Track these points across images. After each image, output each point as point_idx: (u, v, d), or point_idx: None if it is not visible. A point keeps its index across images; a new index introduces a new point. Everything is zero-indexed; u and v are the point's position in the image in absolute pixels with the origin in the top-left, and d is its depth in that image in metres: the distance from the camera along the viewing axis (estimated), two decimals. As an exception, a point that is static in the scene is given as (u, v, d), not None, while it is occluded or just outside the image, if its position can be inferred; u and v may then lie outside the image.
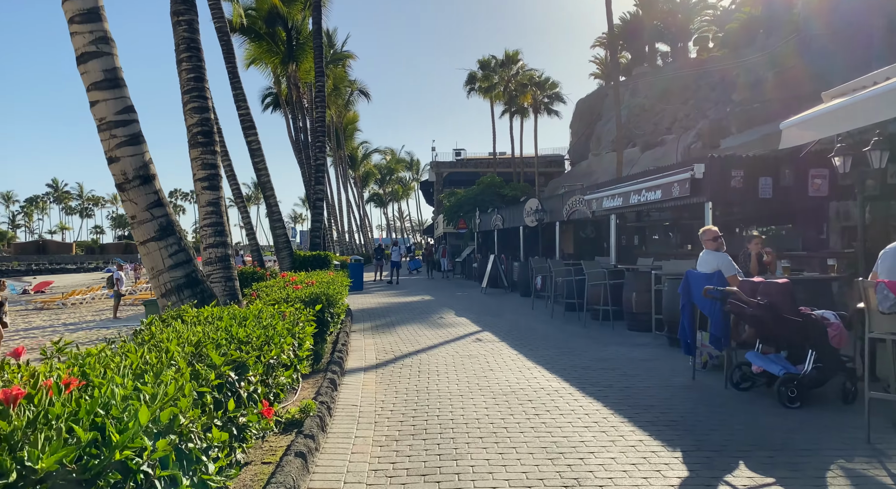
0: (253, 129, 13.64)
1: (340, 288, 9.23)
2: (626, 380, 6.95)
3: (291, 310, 5.21)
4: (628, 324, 10.76)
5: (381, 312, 14.69)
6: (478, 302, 16.87)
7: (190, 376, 2.51)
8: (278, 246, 13.91)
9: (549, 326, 11.52)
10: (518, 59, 40.90)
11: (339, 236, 49.69)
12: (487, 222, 25.59)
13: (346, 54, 38.78)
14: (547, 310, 14.05)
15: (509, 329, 11.26)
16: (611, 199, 12.66)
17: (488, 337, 10.33)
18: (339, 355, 7.93)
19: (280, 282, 9.18)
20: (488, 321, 12.47)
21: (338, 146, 51.81)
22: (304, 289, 7.75)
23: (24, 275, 75.46)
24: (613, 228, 13.26)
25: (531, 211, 18.55)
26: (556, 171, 53.43)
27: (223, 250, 6.67)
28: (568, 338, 10.07)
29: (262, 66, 28.06)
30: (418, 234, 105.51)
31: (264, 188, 13.67)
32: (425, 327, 11.81)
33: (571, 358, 8.30)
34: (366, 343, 10.03)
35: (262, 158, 13.58)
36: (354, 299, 18.07)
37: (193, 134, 6.75)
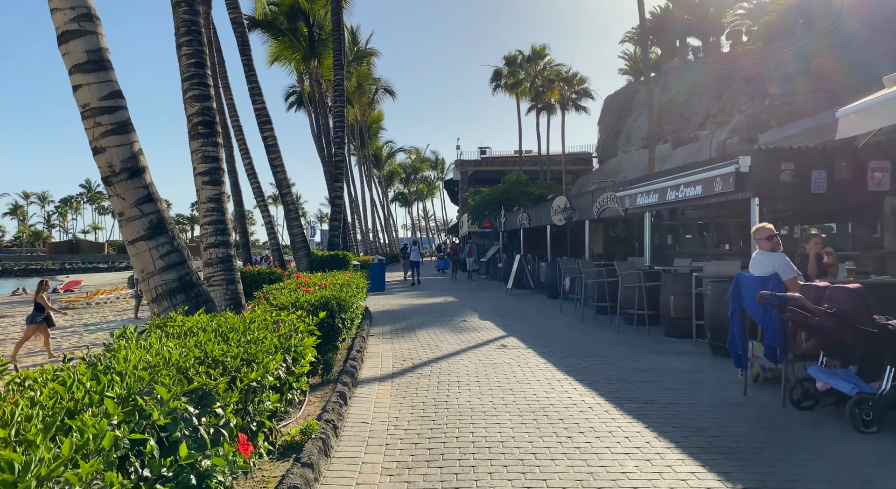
0: (269, 124, 13.16)
1: (355, 291, 8.66)
2: (669, 394, 6.24)
3: (292, 319, 4.63)
4: (665, 329, 10.00)
5: (402, 315, 14.11)
6: (503, 304, 16.20)
7: (124, 417, 1.91)
8: (295, 245, 13.41)
9: (578, 331, 10.81)
10: (545, 54, 40.03)
11: (363, 236, 49.37)
12: (513, 221, 24.88)
13: (370, 52, 38.37)
14: (576, 314, 13.31)
15: (536, 334, 10.57)
16: (645, 195, 11.89)
17: (514, 343, 9.66)
18: (353, 363, 7.35)
19: (292, 285, 8.65)
20: (514, 325, 11.80)
21: (362, 145, 51.50)
22: (315, 293, 7.19)
23: (58, 273, 76.96)
24: (648, 227, 12.48)
25: (559, 209, 17.80)
26: (583, 168, 52.36)
27: (225, 250, 6.14)
28: (600, 344, 9.35)
29: (284, 63, 27.74)
30: (443, 233, 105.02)
31: (280, 185, 13.19)
32: (447, 331, 11.19)
33: (605, 368, 7.60)
34: (383, 348, 9.44)
35: (278, 154, 13.10)
36: (376, 300, 17.54)
37: (193, 124, 6.23)
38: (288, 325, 4.10)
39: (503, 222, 26.62)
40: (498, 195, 30.85)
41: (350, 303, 7.40)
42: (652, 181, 11.89)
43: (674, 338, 9.65)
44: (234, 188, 16.87)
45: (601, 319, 12.15)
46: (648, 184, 11.92)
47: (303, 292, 7.31)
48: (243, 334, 3.55)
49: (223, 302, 5.98)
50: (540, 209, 21.04)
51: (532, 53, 40.08)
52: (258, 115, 13.18)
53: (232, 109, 17.52)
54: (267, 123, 13.21)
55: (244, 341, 3.33)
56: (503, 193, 30.82)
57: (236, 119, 17.22)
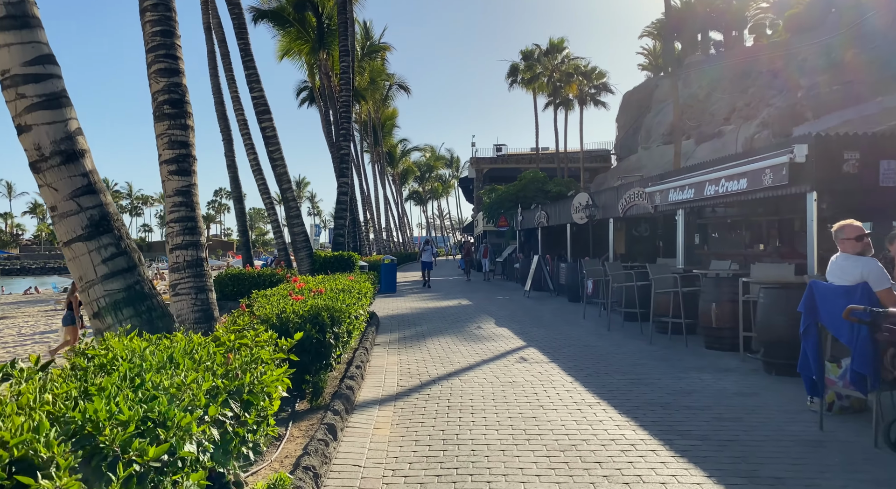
0: (267, 114, 12.21)
1: (357, 298, 7.66)
2: (725, 427, 5.16)
3: (260, 341, 3.63)
4: (705, 341, 8.89)
5: (412, 320, 13.11)
6: (521, 308, 15.14)
7: None
8: (296, 245, 12.45)
9: (606, 342, 9.73)
10: (563, 47, 38.81)
11: (377, 235, 48.50)
12: (530, 219, 23.79)
13: (383, 46, 37.42)
14: (601, 320, 12.22)
15: (559, 344, 9.51)
16: (679, 190, 10.77)
17: (535, 355, 8.61)
18: (350, 383, 6.35)
19: (283, 291, 7.67)
20: (534, 333, 10.75)
21: (375, 142, 50.61)
22: (307, 302, 6.20)
23: (75, 272, 77.06)
24: (681, 226, 11.36)
25: (581, 206, 16.70)
26: (601, 166, 51.03)
27: (194, 253, 5.16)
28: (633, 358, 8.27)
29: (295, 57, 26.86)
30: (458, 232, 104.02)
31: (280, 180, 12.25)
32: (460, 340, 10.17)
33: (643, 389, 6.53)
34: (388, 361, 8.44)
35: (277, 147, 12.15)
36: (385, 304, 16.56)
37: (159, 103, 5.26)
38: (244, 356, 3.10)
39: (520, 221, 25.53)
40: (514, 193, 29.75)
41: (348, 313, 6.40)
42: (687, 175, 10.77)
43: (715, 351, 8.53)
44: (233, 183, 15.94)
45: (630, 327, 11.05)
46: (683, 178, 10.80)
47: (292, 301, 6.33)
48: (170, 373, 2.55)
49: (191, 314, 5.01)
50: (559, 207, 19.93)
51: (550, 46, 38.86)
52: (256, 104, 12.23)
53: (237, 102, 16.67)
54: (265, 113, 12.25)
55: (164, 385, 2.33)
56: (520, 191, 29.71)
57: (241, 112, 16.36)
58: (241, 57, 12.05)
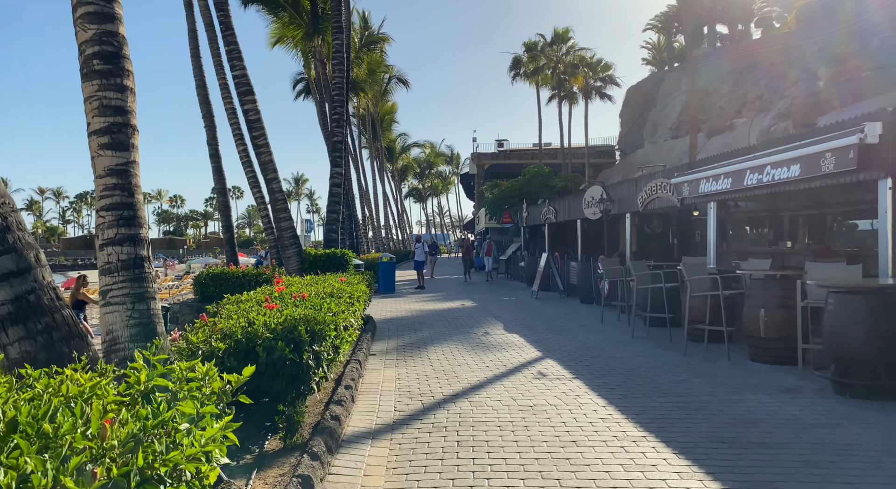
0: (250, 95, 10.95)
1: (347, 304, 6.48)
2: (817, 474, 3.98)
3: (173, 389, 2.44)
4: (751, 352, 7.70)
5: (412, 324, 11.93)
6: (530, 310, 13.95)
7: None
8: (283, 242, 11.22)
9: (633, 352, 8.54)
10: (569, 37, 37.52)
11: (375, 232, 47.29)
12: (536, 215, 22.59)
13: (382, 37, 36.15)
14: (622, 326, 11.05)
15: (581, 355, 8.33)
16: (713, 180, 9.57)
17: (554, 369, 7.43)
18: (337, 410, 5.16)
19: (261, 295, 6.49)
20: (549, 341, 9.56)
21: (374, 137, 49.37)
22: (284, 311, 5.03)
23: (70, 269, 76.02)
24: (713, 220, 10.17)
25: (594, 200, 15.50)
26: (606, 162, 49.80)
27: (132, 250, 3.98)
28: (670, 373, 7.08)
29: (288, 45, 25.61)
30: (458, 229, 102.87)
31: (265, 169, 11.01)
32: (466, 349, 8.98)
33: (694, 416, 5.35)
34: (385, 376, 7.26)
35: (262, 132, 10.91)
36: (383, 305, 15.38)
37: (87, 57, 4.08)
38: (141, 420, 1.90)
39: (525, 217, 24.34)
40: (518, 188, 28.57)
41: (334, 324, 5.21)
42: (722, 163, 9.58)
43: (765, 365, 7.35)
44: (216, 174, 14.68)
45: (657, 334, 9.87)
46: (717, 166, 9.59)
47: (265, 310, 5.14)
48: None
49: (125, 330, 3.84)
50: (569, 202, 18.74)
51: (555, 36, 37.58)
52: (238, 83, 10.98)
53: (225, 90, 15.44)
54: (248, 94, 11.00)
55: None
56: (524, 186, 28.54)
57: (229, 101, 15.10)
58: (221, 31, 10.77)
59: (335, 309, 5.62)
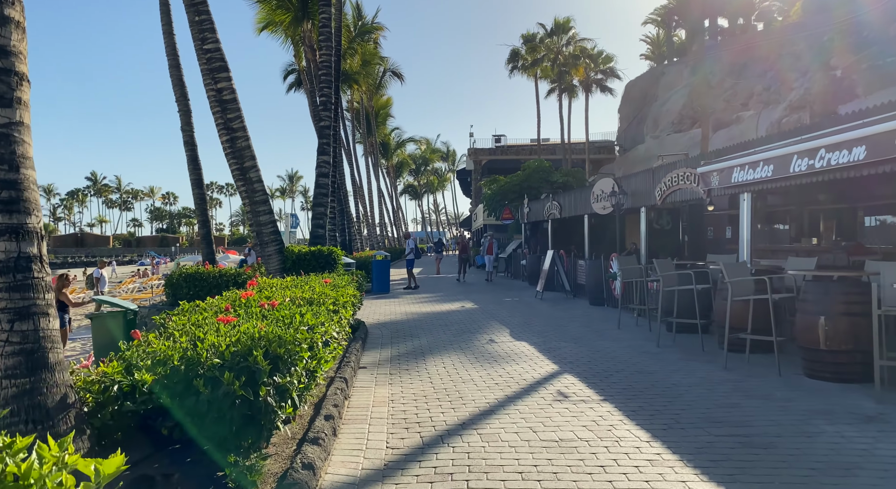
0: (225, 72, 9.68)
1: (329, 313, 5.32)
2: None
3: None
4: (807, 367, 6.56)
5: (408, 329, 10.77)
6: (536, 313, 12.80)
7: None
8: (263, 239, 9.99)
9: (664, 365, 7.39)
10: (570, 27, 36.27)
11: (370, 229, 46.06)
12: (539, 211, 21.43)
13: (376, 27, 34.87)
14: (642, 331, 9.92)
15: (604, 369, 7.19)
16: (749, 168, 8.43)
17: (577, 388, 6.28)
18: (311, 455, 3.98)
19: (222, 302, 5.31)
20: (564, 350, 8.42)
21: (368, 132, 48.11)
22: (242, 325, 3.86)
23: (60, 267, 74.55)
24: (747, 214, 9.02)
25: (604, 194, 14.36)
26: (605, 158, 48.73)
27: (13, 247, 2.81)
28: (716, 394, 5.94)
29: (277, 32, 24.31)
30: (454, 227, 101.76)
31: (242, 156, 9.74)
32: (470, 361, 7.83)
33: (767, 457, 4.21)
34: (376, 397, 6.09)
35: (238, 114, 9.66)
36: (377, 307, 14.21)
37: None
38: None
39: (526, 213, 23.18)
40: (518, 183, 27.41)
41: (311, 342, 4.05)
42: (760, 148, 8.45)
43: (828, 383, 6.21)
44: (190, 164, 13.38)
45: (685, 342, 8.73)
46: (754, 152, 8.46)
47: (218, 325, 3.97)
48: None
49: (5, 361, 2.65)
50: (575, 196, 17.61)
51: (555, 26, 36.33)
52: (210, 58, 9.68)
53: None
54: (222, 71, 9.72)
55: None
56: (524, 181, 27.38)
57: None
58: (187, 0, 9.58)
59: (312, 321, 4.45)
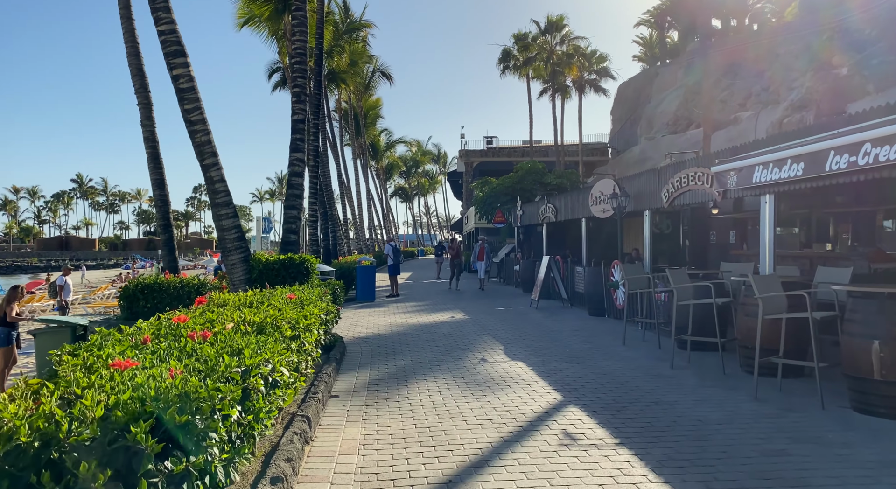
0: (181, 57, 8.51)
1: (283, 344, 4.28)
2: None
3: None
4: (856, 399, 5.56)
5: (391, 345, 9.72)
6: (532, 326, 11.79)
7: None
8: (225, 245, 8.85)
9: (684, 392, 6.39)
10: (563, 25, 35.36)
11: (359, 233, 44.94)
12: (533, 214, 20.47)
13: (364, 24, 33.83)
14: (650, 348, 8.93)
15: (614, 398, 6.18)
16: (773, 167, 7.45)
17: (585, 426, 5.27)
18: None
19: (146, 329, 4.24)
20: (565, 373, 7.41)
21: (357, 133, 47.03)
22: (140, 377, 2.81)
23: (43, 271, 72.91)
24: (769, 217, 8.03)
25: (603, 196, 13.39)
26: (598, 159, 47.91)
27: None
28: (755, 435, 4.94)
29: (259, 27, 23.21)
30: (445, 230, 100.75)
31: (201, 152, 8.62)
32: (460, 387, 6.80)
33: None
34: (344, 441, 5.05)
35: (196, 105, 8.51)
36: (359, 318, 13.16)
37: None
38: None
39: (519, 216, 22.21)
40: (510, 185, 26.48)
41: (238, 397, 2.99)
42: (787, 144, 7.48)
43: (881, 419, 5.23)
44: (151, 162, 12.16)
45: (701, 362, 7.74)
46: (780, 149, 7.48)
47: (108, 375, 2.92)
48: None
49: None
50: (571, 198, 16.64)
51: (548, 24, 35.41)
52: (164, 41, 8.50)
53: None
54: (179, 55, 8.56)
55: None
56: (516, 183, 26.45)
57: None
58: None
59: (251, 360, 3.41)
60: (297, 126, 10.42)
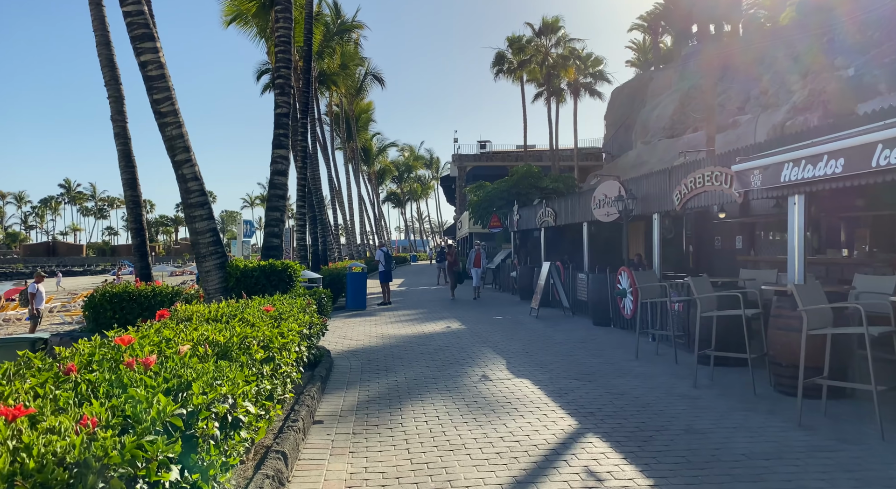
0: (150, 42, 7.63)
1: (251, 372, 3.48)
2: None
3: None
4: (920, 428, 4.82)
5: (383, 359, 8.92)
6: (535, 337, 11.01)
7: None
8: (199, 250, 7.97)
9: (717, 418, 5.62)
10: (559, 27, 34.75)
11: (350, 238, 44.08)
12: (530, 218, 19.73)
13: (356, 25, 33.08)
14: (666, 362, 8.17)
15: (637, 425, 5.40)
16: (806, 165, 6.73)
17: (610, 462, 4.49)
18: None
19: (73, 357, 3.42)
20: (577, 393, 6.63)
21: (349, 137, 46.24)
22: (26, 436, 2.00)
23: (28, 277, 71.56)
24: (798, 220, 7.31)
25: (607, 199, 12.68)
26: (592, 165, 47.36)
27: None
28: (814, 473, 4.18)
29: (247, 25, 22.43)
30: (438, 235, 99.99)
31: (172, 147, 7.76)
32: (461, 411, 6.01)
33: None
34: (326, 483, 4.25)
35: (167, 95, 7.66)
36: (348, 328, 12.35)
37: None
38: None
39: (516, 220, 21.47)
40: (506, 189, 25.74)
41: (168, 458, 2.20)
42: (822, 139, 6.77)
43: (955, 453, 4.48)
44: (122, 160, 11.23)
45: (725, 379, 6.99)
46: (814, 144, 6.76)
47: None
48: None
49: None
50: (572, 202, 15.92)
51: (543, 26, 34.77)
52: (130, 24, 7.57)
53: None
54: (146, 39, 7.69)
55: None
56: (512, 187, 25.72)
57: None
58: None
59: (200, 399, 2.61)
60: (281, 120, 9.57)
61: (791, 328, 6.17)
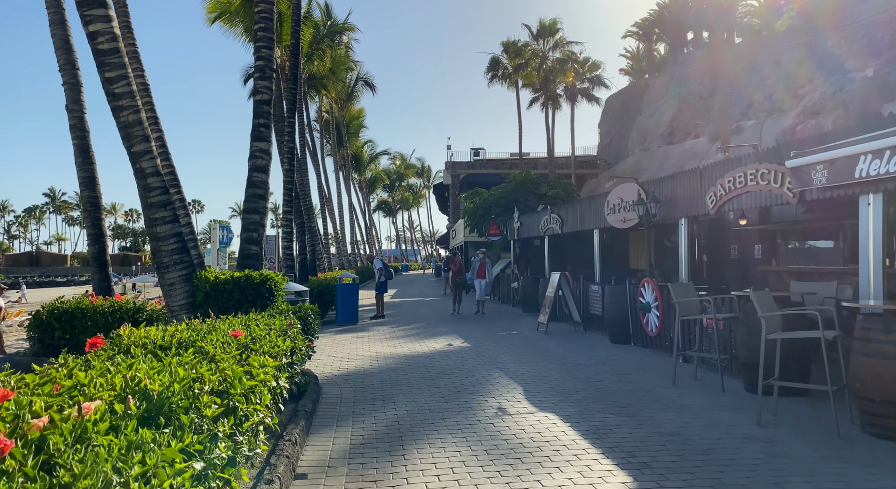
0: (100, 7, 6.30)
1: (192, 441, 2.24)
2: None
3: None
4: None
5: (378, 386, 7.67)
6: (549, 357, 9.79)
7: None
8: (160, 259, 6.61)
9: (807, 470, 4.44)
10: (557, 30, 33.80)
11: (340, 247, 42.76)
12: (533, 225, 18.57)
13: (347, 27, 31.97)
14: (711, 391, 6.97)
15: (712, 482, 4.20)
16: (892, 156, 5.61)
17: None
18: None
19: None
20: (618, 433, 5.42)
21: (339, 144, 45.04)
22: None
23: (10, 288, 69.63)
24: (872, 223, 6.17)
25: (623, 203, 11.54)
26: (589, 173, 46.43)
27: None
28: None
29: (233, 23, 21.24)
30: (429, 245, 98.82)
31: (128, 136, 6.39)
32: (480, 460, 4.78)
33: None
34: None
35: (122, 73, 6.32)
36: (338, 347, 11.09)
37: None
38: None
39: (517, 228, 20.32)
40: (503, 196, 24.63)
41: None
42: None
43: None
44: (79, 156, 9.91)
45: (793, 415, 5.82)
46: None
47: None
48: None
49: None
50: (581, 207, 14.77)
51: (541, 29, 33.81)
52: None
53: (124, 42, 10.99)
54: (95, 6, 6.32)
55: None
56: (510, 193, 24.63)
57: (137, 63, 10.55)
58: None
59: None
60: (261, 108, 8.29)
61: (887, 355, 5.01)
